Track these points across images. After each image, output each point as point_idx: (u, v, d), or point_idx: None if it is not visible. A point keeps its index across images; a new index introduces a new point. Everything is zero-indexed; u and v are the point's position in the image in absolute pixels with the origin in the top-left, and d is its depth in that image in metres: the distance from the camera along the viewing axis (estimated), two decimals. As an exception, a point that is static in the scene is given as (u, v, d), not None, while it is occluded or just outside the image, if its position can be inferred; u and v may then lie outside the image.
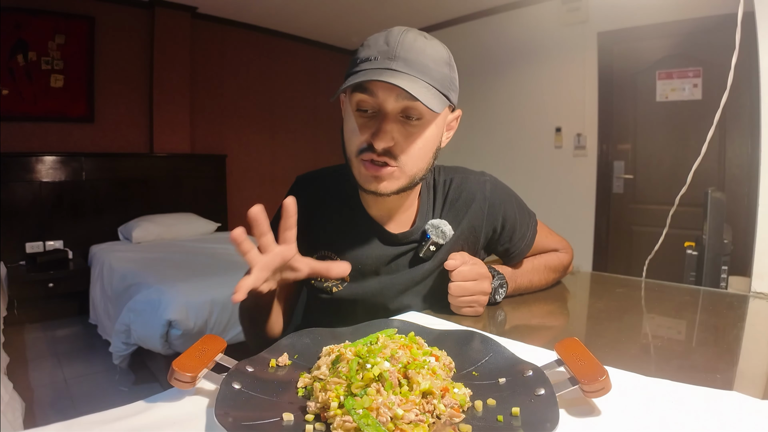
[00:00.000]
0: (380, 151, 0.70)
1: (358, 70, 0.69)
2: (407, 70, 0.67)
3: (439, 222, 0.82)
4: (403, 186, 0.75)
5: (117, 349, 2.21)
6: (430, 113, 0.70)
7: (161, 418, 0.45)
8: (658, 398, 0.49)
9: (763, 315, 0.87)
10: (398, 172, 0.73)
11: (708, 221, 1.25)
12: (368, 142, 0.71)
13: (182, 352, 0.51)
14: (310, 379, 0.50)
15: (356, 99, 0.71)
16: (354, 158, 0.74)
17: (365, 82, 0.68)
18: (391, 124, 0.70)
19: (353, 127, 0.73)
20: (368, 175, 0.73)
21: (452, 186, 0.86)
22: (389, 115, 0.70)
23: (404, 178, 0.74)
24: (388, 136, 0.69)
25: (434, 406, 0.44)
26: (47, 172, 3.23)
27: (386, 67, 0.67)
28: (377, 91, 0.68)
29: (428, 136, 0.73)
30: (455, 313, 0.81)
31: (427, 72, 0.68)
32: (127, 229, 3.38)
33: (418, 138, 0.72)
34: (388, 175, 0.72)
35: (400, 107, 0.69)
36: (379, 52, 0.68)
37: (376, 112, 0.71)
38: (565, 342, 0.54)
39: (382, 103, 0.69)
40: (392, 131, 0.70)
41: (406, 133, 0.71)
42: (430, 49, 0.70)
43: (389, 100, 0.69)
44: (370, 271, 0.83)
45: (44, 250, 3.17)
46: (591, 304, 1.02)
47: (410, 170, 0.74)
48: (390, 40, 0.69)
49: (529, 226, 0.91)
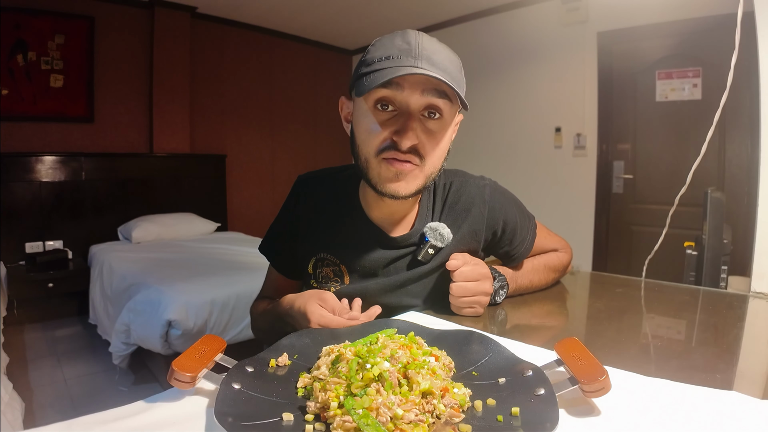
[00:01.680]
0: (405, 150, 0.69)
1: (382, 68, 0.67)
2: (432, 70, 0.66)
3: (438, 225, 0.81)
4: (420, 187, 0.74)
5: (117, 349, 2.21)
6: (448, 112, 0.71)
7: (161, 419, 0.45)
8: (657, 398, 0.49)
9: (762, 315, 0.87)
10: (418, 171, 0.72)
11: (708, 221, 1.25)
12: (391, 140, 0.69)
13: (182, 352, 0.51)
14: (310, 379, 0.50)
15: (378, 95, 0.69)
16: (373, 158, 0.72)
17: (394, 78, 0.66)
18: (415, 122, 0.69)
19: (370, 126, 0.71)
20: (389, 176, 0.71)
21: (452, 189, 0.86)
22: (414, 112, 0.69)
23: (422, 177, 0.73)
24: (414, 134, 0.68)
25: (434, 406, 0.44)
26: (47, 172, 3.23)
27: (412, 65, 0.65)
28: (404, 85, 0.67)
29: (445, 135, 0.73)
30: (455, 313, 0.81)
31: (449, 72, 0.68)
32: (126, 229, 3.38)
33: (439, 136, 0.72)
34: (410, 174, 0.71)
35: (424, 103, 0.69)
36: (400, 51, 0.67)
37: (397, 110, 0.70)
38: (565, 342, 0.54)
39: (408, 98, 0.68)
40: (416, 129, 0.69)
41: (428, 132, 0.71)
42: (447, 52, 0.70)
43: (414, 95, 0.68)
44: (368, 273, 0.83)
45: (44, 250, 3.17)
46: (591, 304, 1.02)
47: (428, 170, 0.73)
48: (410, 40, 0.67)
49: (529, 229, 0.91)
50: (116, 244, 3.32)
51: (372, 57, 0.69)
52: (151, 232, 3.35)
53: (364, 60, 0.71)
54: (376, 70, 0.67)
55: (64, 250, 3.20)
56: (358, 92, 0.68)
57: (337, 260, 0.83)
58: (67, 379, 2.28)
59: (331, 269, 0.84)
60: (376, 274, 0.84)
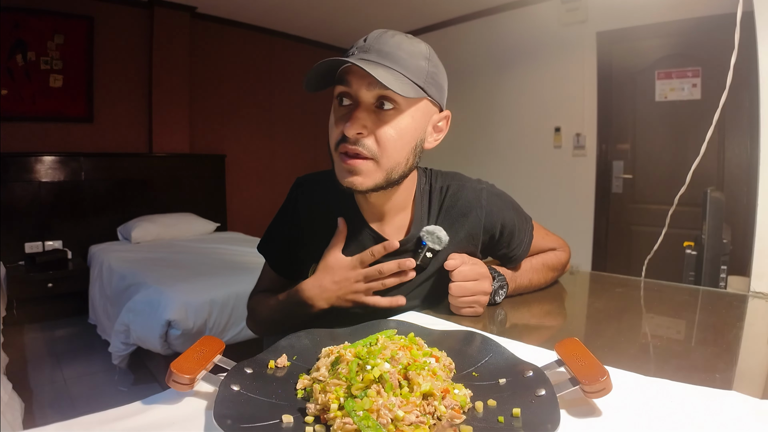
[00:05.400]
0: (352, 139, 0.70)
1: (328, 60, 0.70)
2: (379, 59, 0.69)
3: (434, 228, 0.81)
4: (379, 182, 0.73)
5: (116, 349, 2.21)
6: (405, 103, 0.71)
7: (160, 419, 0.45)
8: (657, 398, 0.49)
9: (762, 314, 0.87)
10: (373, 166, 0.72)
11: (707, 221, 1.25)
12: (343, 134, 0.71)
13: (181, 353, 0.51)
14: (310, 380, 0.50)
15: (337, 91, 0.73)
16: (334, 152, 0.74)
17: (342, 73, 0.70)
18: (363, 113, 0.70)
19: (331, 121, 0.75)
20: (345, 169, 0.72)
21: (449, 193, 0.85)
22: (362, 103, 0.70)
23: (380, 172, 0.72)
24: (359, 123, 0.69)
25: (435, 407, 0.44)
26: (46, 172, 3.23)
27: (360, 58, 0.69)
28: (351, 80, 0.70)
29: (403, 126, 0.72)
30: (455, 314, 0.81)
31: (400, 62, 0.69)
32: (126, 229, 3.38)
33: (390, 125, 0.71)
34: (363, 168, 0.71)
35: (373, 96, 0.70)
36: (357, 48, 0.72)
37: (353, 104, 0.72)
38: (565, 342, 0.54)
39: (356, 91, 0.70)
40: (364, 119, 0.70)
41: (380, 122, 0.71)
42: (407, 45, 0.71)
43: (362, 88, 0.69)
44: None
45: (43, 250, 3.17)
46: (590, 303, 1.02)
47: (386, 164, 0.72)
48: (369, 37, 0.72)
49: (526, 231, 0.91)
50: (116, 244, 3.31)
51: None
52: (151, 232, 3.35)
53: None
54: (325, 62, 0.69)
55: (63, 250, 3.20)
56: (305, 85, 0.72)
57: None
58: (67, 379, 2.27)
59: None
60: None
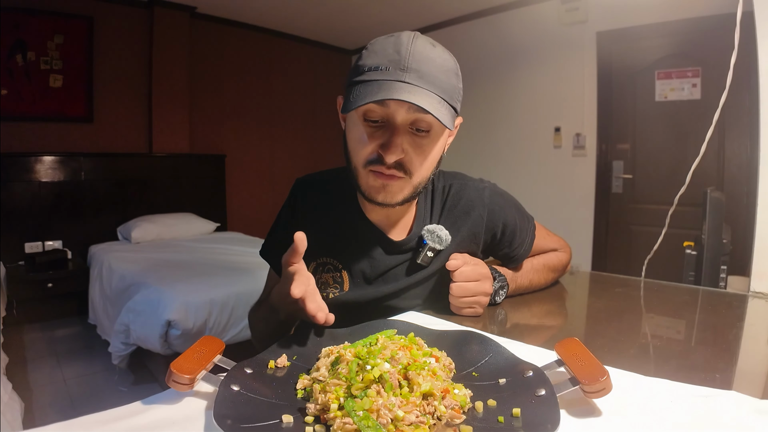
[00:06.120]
0: (390, 164, 0.69)
1: (369, 80, 0.67)
2: (419, 83, 0.65)
3: (436, 227, 0.81)
4: (407, 196, 0.75)
5: (116, 349, 2.21)
6: (439, 125, 0.70)
7: (160, 419, 0.45)
8: (657, 398, 0.49)
9: (762, 314, 0.87)
10: (405, 183, 0.73)
11: (707, 221, 1.25)
12: (377, 153, 0.70)
13: (181, 353, 0.51)
14: (310, 380, 0.50)
15: (364, 108, 0.69)
16: (361, 168, 0.73)
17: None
18: (401, 137, 0.69)
19: (359, 137, 0.71)
20: (376, 186, 0.72)
21: (451, 192, 0.86)
22: (399, 127, 0.68)
23: (409, 188, 0.74)
24: (399, 149, 0.68)
25: (435, 407, 0.44)
26: (46, 172, 3.23)
27: (398, 80, 0.65)
28: (389, 102, 0.67)
29: (436, 147, 0.73)
30: (455, 314, 0.81)
31: (438, 84, 0.67)
32: (126, 229, 3.38)
33: (428, 150, 0.72)
34: (395, 185, 0.72)
35: (410, 119, 0.69)
36: (389, 61, 0.66)
37: (385, 123, 0.70)
38: (565, 342, 0.54)
39: (393, 114, 0.68)
40: (402, 143, 0.69)
41: (415, 145, 0.70)
42: (439, 59, 0.68)
43: (400, 111, 0.67)
44: (369, 279, 0.83)
45: (43, 250, 3.17)
46: (590, 303, 1.02)
47: (416, 180, 0.73)
48: (400, 48, 0.66)
49: (528, 231, 0.91)
50: (116, 244, 3.31)
51: (363, 64, 0.69)
52: (151, 232, 3.35)
53: (357, 66, 0.70)
54: (364, 81, 0.67)
55: (63, 250, 3.20)
56: (344, 108, 0.68)
57: (339, 264, 0.83)
58: (67, 379, 2.27)
59: (331, 275, 0.83)
60: (376, 281, 0.83)
